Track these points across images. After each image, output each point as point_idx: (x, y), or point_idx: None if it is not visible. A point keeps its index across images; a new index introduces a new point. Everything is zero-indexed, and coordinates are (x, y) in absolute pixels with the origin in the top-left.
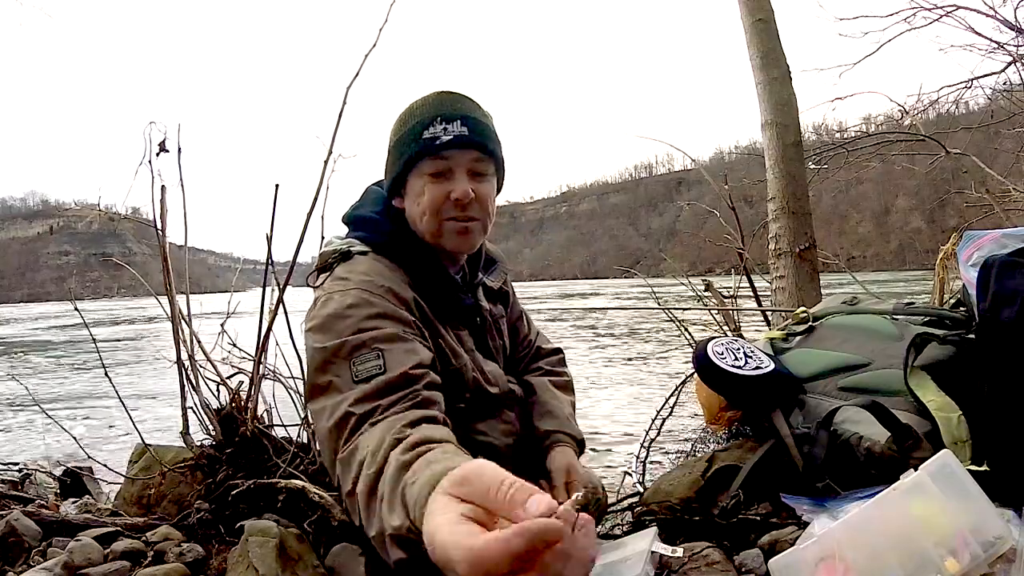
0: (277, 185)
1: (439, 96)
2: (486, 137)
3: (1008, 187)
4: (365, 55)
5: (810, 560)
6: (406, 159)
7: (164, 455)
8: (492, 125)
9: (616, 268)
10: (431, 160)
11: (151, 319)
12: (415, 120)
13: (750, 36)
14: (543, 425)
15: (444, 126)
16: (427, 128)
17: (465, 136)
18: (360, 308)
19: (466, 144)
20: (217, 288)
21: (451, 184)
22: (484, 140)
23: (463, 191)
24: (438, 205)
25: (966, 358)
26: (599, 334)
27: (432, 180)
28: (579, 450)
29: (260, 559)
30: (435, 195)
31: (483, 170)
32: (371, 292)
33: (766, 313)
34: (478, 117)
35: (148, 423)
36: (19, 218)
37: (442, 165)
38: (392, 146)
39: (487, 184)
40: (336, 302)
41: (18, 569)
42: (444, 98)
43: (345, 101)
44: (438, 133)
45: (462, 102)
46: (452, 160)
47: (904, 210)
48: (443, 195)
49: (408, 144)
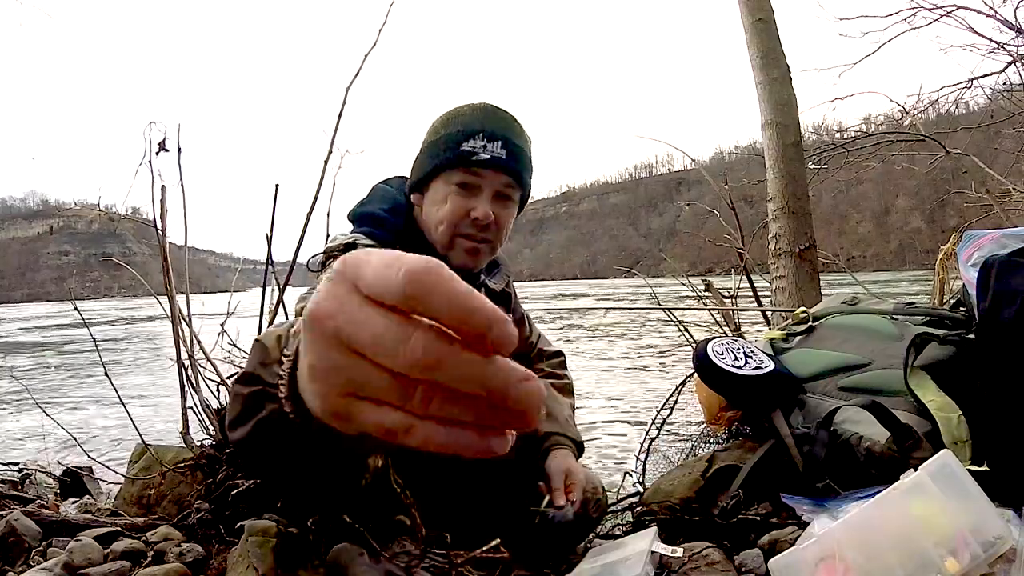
0: (277, 185)
1: (487, 109)
2: (522, 165)
3: (1008, 187)
4: (365, 55)
5: (810, 560)
6: (438, 163)
7: (164, 455)
8: (529, 151)
9: (616, 268)
10: (462, 172)
11: (134, 320)
12: (458, 127)
13: (750, 36)
14: (542, 427)
15: (484, 143)
16: (468, 140)
17: (502, 159)
18: None
19: (501, 167)
20: (217, 288)
21: (475, 201)
22: (519, 168)
23: (484, 213)
24: (457, 219)
25: (966, 358)
26: (598, 334)
27: (458, 191)
28: (578, 453)
29: (260, 559)
30: (456, 208)
31: (509, 195)
32: None
33: (766, 313)
34: (519, 142)
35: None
36: (19, 218)
37: (472, 180)
38: (427, 144)
39: (509, 209)
40: None
41: (18, 569)
42: (491, 113)
43: (345, 101)
44: (477, 148)
45: (508, 122)
46: (483, 179)
47: (904, 210)
48: (464, 211)
49: (444, 149)
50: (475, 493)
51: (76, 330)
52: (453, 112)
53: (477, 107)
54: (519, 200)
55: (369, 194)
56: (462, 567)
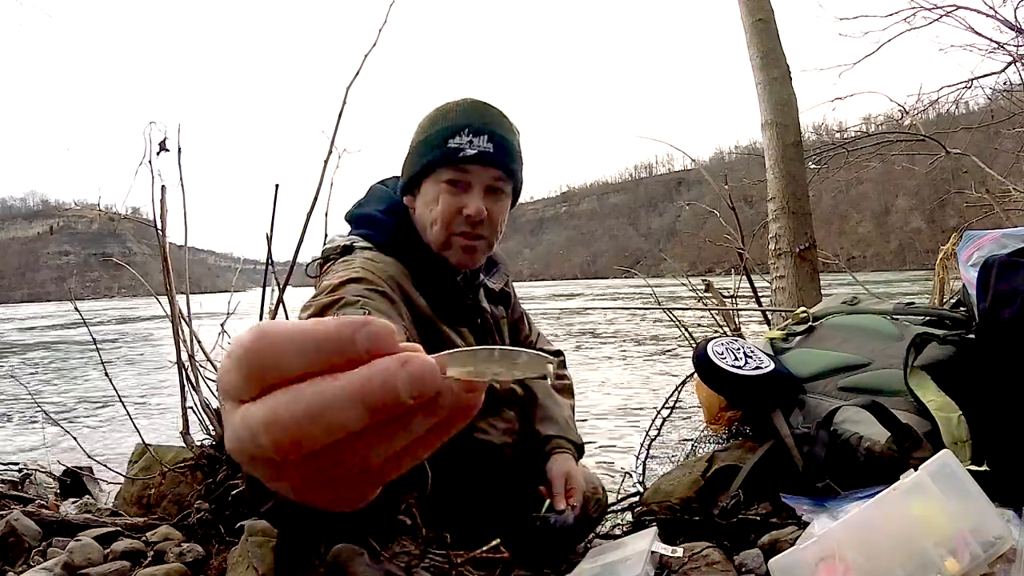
0: (277, 185)
1: (471, 105)
2: (510, 157)
3: (1008, 187)
4: (365, 55)
5: (810, 560)
6: (426, 163)
7: (164, 455)
8: (518, 143)
9: (616, 268)
10: (451, 170)
11: (125, 320)
12: (442, 125)
13: (750, 36)
14: (543, 430)
15: (470, 139)
16: (453, 137)
17: (490, 153)
18: (359, 284)
19: (489, 162)
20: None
21: (466, 198)
22: (508, 160)
23: (477, 209)
24: (450, 218)
25: (966, 358)
26: (597, 335)
27: (448, 189)
28: (578, 455)
29: (260, 559)
30: (448, 207)
31: (500, 188)
32: (373, 273)
33: (766, 313)
34: (505, 135)
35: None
36: (19, 218)
37: (461, 176)
38: (414, 145)
39: (502, 202)
40: (337, 276)
41: (18, 569)
42: (476, 108)
43: (345, 101)
44: (463, 145)
45: (493, 116)
46: (472, 175)
47: (904, 210)
48: (456, 209)
49: (431, 148)
50: (475, 493)
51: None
52: (438, 110)
53: (461, 103)
54: (511, 192)
55: (366, 195)
56: (462, 567)
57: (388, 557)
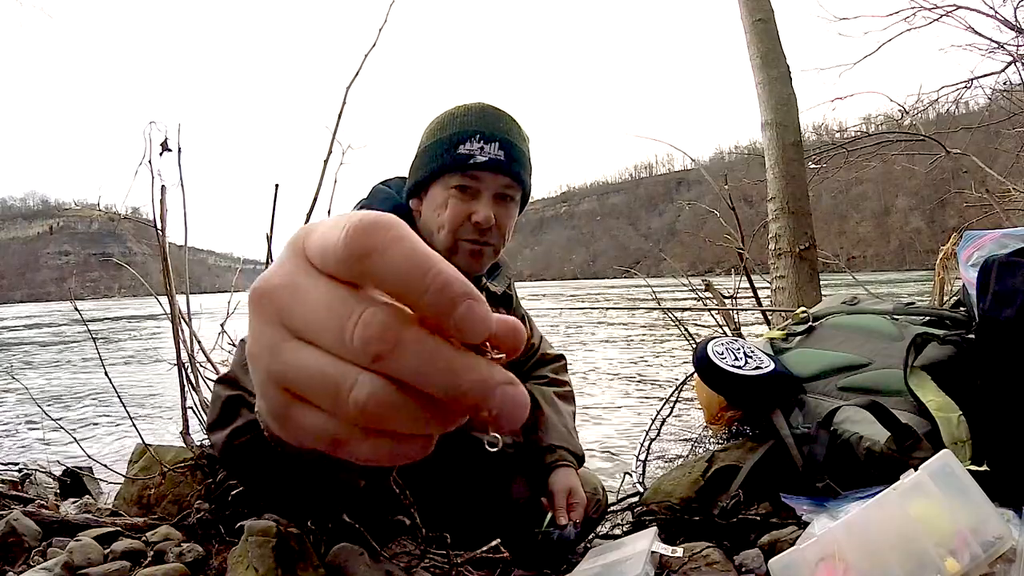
0: (277, 185)
1: (483, 110)
2: (520, 165)
3: (1008, 187)
4: (365, 55)
5: (810, 560)
6: (435, 167)
7: (164, 455)
8: (528, 151)
9: (616, 268)
10: (461, 176)
11: (119, 319)
12: (453, 129)
13: (750, 36)
14: (546, 438)
15: (481, 145)
16: (464, 142)
17: (500, 161)
18: None
19: (499, 169)
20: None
21: (475, 204)
22: (518, 168)
23: (485, 216)
24: (457, 224)
25: (966, 358)
26: (596, 334)
27: (457, 195)
28: (579, 466)
29: (260, 559)
30: (457, 213)
31: (509, 196)
32: None
33: (766, 313)
34: (516, 142)
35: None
36: (19, 218)
37: (470, 183)
38: (423, 148)
39: (510, 210)
40: None
41: (18, 569)
42: (487, 114)
43: (345, 101)
44: (474, 151)
45: (504, 122)
46: (482, 181)
47: (904, 210)
48: (465, 215)
49: (440, 153)
50: (475, 493)
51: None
52: (448, 114)
53: (472, 108)
54: (520, 200)
55: (368, 196)
56: (462, 567)
57: (388, 557)
